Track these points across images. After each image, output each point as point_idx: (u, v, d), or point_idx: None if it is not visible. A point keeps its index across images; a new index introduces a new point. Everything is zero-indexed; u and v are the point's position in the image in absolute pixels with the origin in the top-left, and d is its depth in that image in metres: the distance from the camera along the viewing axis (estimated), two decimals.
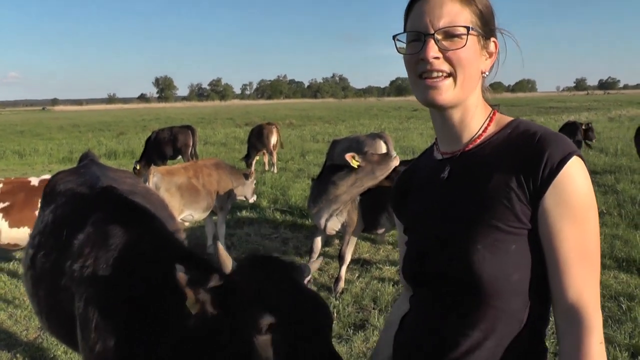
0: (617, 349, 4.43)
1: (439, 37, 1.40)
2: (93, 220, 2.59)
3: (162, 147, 13.92)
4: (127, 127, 35.69)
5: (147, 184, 6.64)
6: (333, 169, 6.02)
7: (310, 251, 6.49)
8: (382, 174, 5.73)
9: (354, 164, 5.66)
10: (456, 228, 1.44)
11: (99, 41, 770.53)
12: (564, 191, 1.32)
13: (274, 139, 14.69)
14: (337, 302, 5.62)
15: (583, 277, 1.32)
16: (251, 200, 8.26)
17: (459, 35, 1.40)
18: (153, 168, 7.21)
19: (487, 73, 1.50)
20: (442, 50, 1.40)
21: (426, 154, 1.72)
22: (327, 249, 7.39)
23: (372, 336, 4.83)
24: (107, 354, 2.26)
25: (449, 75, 1.42)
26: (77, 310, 2.40)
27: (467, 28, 1.40)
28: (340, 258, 6.21)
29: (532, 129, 1.44)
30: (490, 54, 1.49)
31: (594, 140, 13.95)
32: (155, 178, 6.86)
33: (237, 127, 34.01)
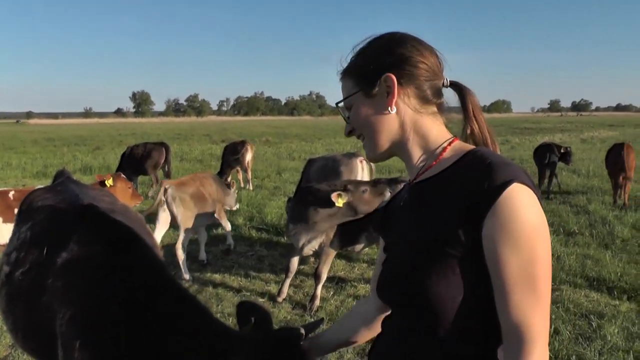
0: None
1: (346, 113, 1.62)
2: (77, 238, 2.59)
3: (136, 162, 13.96)
4: (103, 142, 35.43)
5: (161, 197, 7.21)
6: (312, 192, 5.99)
7: (286, 270, 6.50)
8: (367, 210, 5.74)
9: (340, 203, 5.63)
10: (411, 253, 1.48)
11: (75, 54, 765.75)
12: (503, 217, 1.30)
13: (248, 157, 14.73)
14: (312, 319, 5.62)
15: (524, 304, 1.31)
16: (234, 208, 9.04)
17: (349, 106, 1.60)
18: (165, 181, 7.56)
19: (390, 109, 1.53)
20: (348, 121, 1.63)
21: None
22: (302, 266, 7.40)
23: (346, 354, 4.84)
24: None
25: (360, 135, 1.62)
26: (59, 328, 2.39)
27: (344, 99, 1.61)
28: (317, 277, 6.23)
29: (484, 157, 1.43)
30: (387, 92, 1.53)
31: (570, 164, 14.01)
32: (171, 190, 7.19)
33: (214, 143, 33.96)
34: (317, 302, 6.18)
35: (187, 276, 7.15)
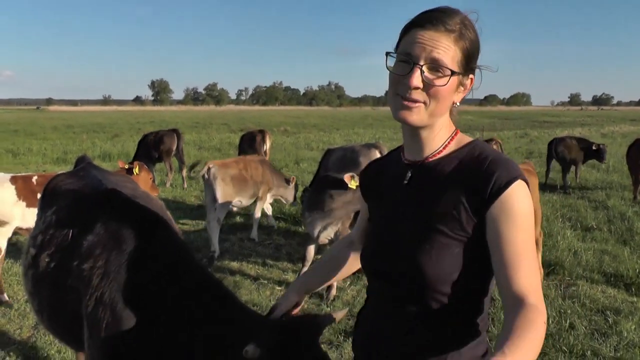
0: None
1: (425, 69, 1.55)
2: (103, 221, 2.65)
3: (149, 149, 14.06)
4: (121, 129, 35.69)
5: (204, 175, 7.88)
6: (329, 180, 6.05)
7: (303, 259, 6.55)
8: None
9: (352, 185, 5.69)
10: (411, 229, 1.65)
11: (95, 42, 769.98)
12: (509, 204, 1.53)
13: (265, 146, 14.73)
14: (329, 309, 5.68)
15: (530, 271, 1.51)
16: (290, 203, 9.57)
17: (443, 73, 1.56)
18: (210, 161, 8.17)
19: (457, 104, 1.69)
20: (425, 81, 1.56)
21: (394, 155, 1.89)
22: (319, 255, 7.44)
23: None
24: (117, 355, 2.32)
25: (423, 102, 1.59)
26: (85, 309, 2.45)
27: (452, 72, 1.56)
28: None
29: (484, 152, 1.63)
30: (465, 88, 1.67)
31: (603, 162, 13.89)
32: (214, 169, 7.87)
33: (232, 132, 34.05)
34: (334, 292, 6.22)
35: (216, 250, 7.57)
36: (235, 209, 8.92)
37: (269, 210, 9.31)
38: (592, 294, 6.12)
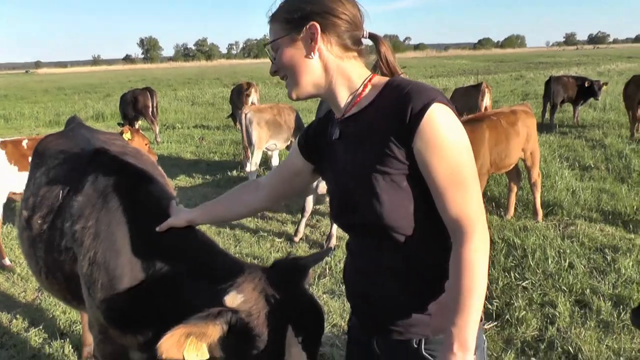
0: (601, 299, 4.56)
1: (273, 54, 1.77)
2: (91, 181, 2.62)
3: (126, 108, 14.47)
4: (113, 89, 35.25)
5: (242, 120, 8.45)
6: None
7: (302, 210, 6.57)
8: None
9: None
10: (356, 180, 1.70)
11: (81, 1, 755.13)
12: (427, 134, 1.55)
13: (253, 98, 14.66)
14: (330, 258, 5.70)
15: (459, 199, 1.57)
16: None
17: (276, 49, 1.74)
18: (246, 106, 8.90)
19: (313, 54, 1.71)
20: (274, 63, 1.77)
21: (332, 115, 1.92)
22: (318, 206, 7.46)
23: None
24: (115, 313, 2.33)
25: (285, 76, 1.78)
26: (80, 270, 2.45)
27: (271, 42, 1.76)
28: None
29: (402, 85, 1.66)
30: (311, 38, 1.69)
31: (597, 98, 13.83)
32: (249, 114, 8.41)
33: (225, 87, 33.69)
34: (334, 241, 6.25)
35: None
36: (270, 152, 9.30)
37: (275, 162, 9.43)
38: (591, 233, 6.16)
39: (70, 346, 4.19)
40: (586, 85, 13.32)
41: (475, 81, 21.82)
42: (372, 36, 1.77)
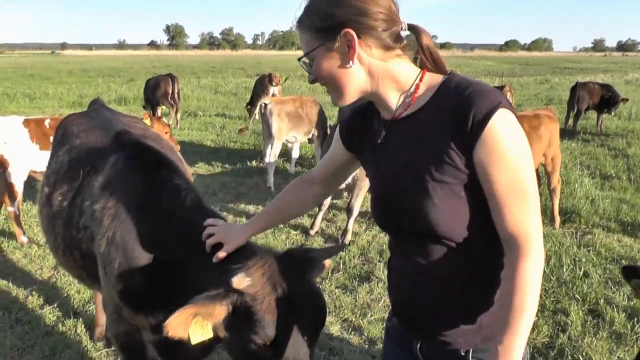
0: (615, 309, 4.52)
1: (308, 63, 1.66)
2: (113, 162, 2.66)
3: (148, 93, 14.57)
4: (137, 74, 35.53)
5: (261, 111, 8.39)
6: None
7: (319, 204, 6.57)
8: None
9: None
10: (409, 185, 1.61)
11: None
12: (491, 142, 1.47)
13: (274, 89, 14.71)
14: (344, 253, 5.71)
15: (518, 212, 1.50)
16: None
17: (312, 60, 1.64)
18: (267, 97, 8.88)
19: (352, 62, 1.58)
20: (310, 73, 1.67)
21: (375, 108, 1.79)
22: (335, 201, 7.47)
23: (376, 288, 4.93)
24: (130, 292, 2.37)
25: (325, 85, 1.67)
26: (97, 249, 2.48)
27: (305, 55, 1.65)
28: (349, 210, 6.29)
29: (462, 85, 1.56)
30: (348, 46, 1.57)
31: (612, 113, 13.74)
32: (270, 105, 8.29)
33: (248, 77, 33.74)
34: (349, 236, 6.26)
35: (271, 186, 8.26)
36: (290, 144, 9.20)
37: (295, 154, 9.40)
38: (608, 243, 6.10)
39: (83, 326, 4.26)
40: (605, 96, 13.19)
41: (500, 83, 21.65)
42: (411, 27, 1.63)
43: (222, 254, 2.04)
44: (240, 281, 1.84)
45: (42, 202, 3.09)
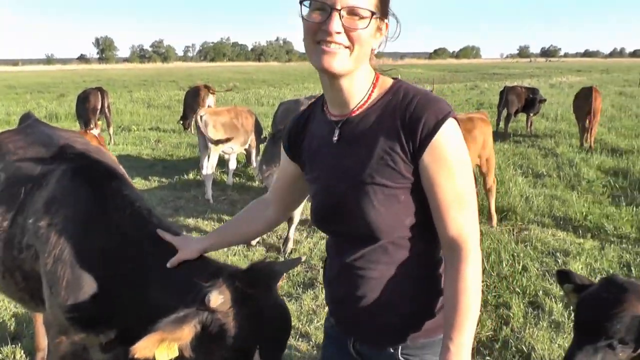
0: (553, 300, 4.69)
1: (344, 13, 1.52)
2: (58, 177, 2.55)
3: (78, 107, 14.08)
4: (67, 89, 34.40)
5: (198, 122, 8.22)
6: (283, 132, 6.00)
7: (289, 218, 6.50)
8: None
9: None
10: (351, 189, 1.64)
11: None
12: (439, 150, 1.55)
13: (209, 101, 14.53)
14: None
15: (460, 217, 1.58)
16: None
17: (362, 17, 1.54)
18: (201, 109, 8.82)
19: (376, 50, 1.66)
20: (345, 26, 1.53)
21: (317, 111, 1.83)
22: None
23: (320, 294, 4.92)
24: (79, 310, 2.27)
25: (347, 47, 1.56)
26: (43, 267, 2.37)
27: (372, 13, 1.55)
28: (289, 219, 6.27)
29: (410, 93, 1.62)
30: (381, 32, 1.64)
31: (532, 114, 14.35)
32: (205, 116, 8.23)
33: (181, 89, 33.18)
34: (291, 245, 6.24)
35: (209, 198, 8.05)
36: (227, 155, 9.07)
37: (232, 165, 9.25)
38: (543, 237, 6.33)
39: (22, 351, 4.06)
40: (529, 98, 13.85)
41: (432, 90, 22.13)
42: None
43: (175, 261, 2.07)
44: (215, 300, 1.82)
45: None
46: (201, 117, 8.28)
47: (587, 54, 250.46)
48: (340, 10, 1.51)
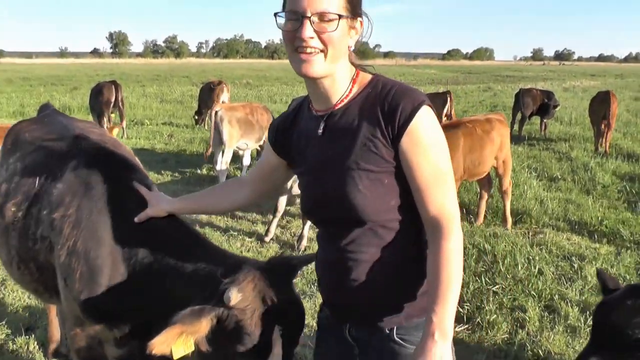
0: (569, 304, 4.66)
1: (314, 19, 1.65)
2: (72, 168, 2.53)
3: (91, 100, 14.08)
4: (80, 82, 34.54)
5: (213, 118, 8.31)
6: None
7: (274, 210, 6.52)
8: None
9: None
10: (338, 176, 1.74)
11: None
12: (416, 134, 1.66)
13: (223, 97, 14.53)
14: None
15: (439, 196, 1.68)
16: None
17: (331, 20, 1.66)
18: (217, 104, 8.81)
19: (352, 48, 1.78)
20: (317, 31, 1.65)
21: (303, 108, 1.96)
22: (289, 207, 7.42)
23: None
24: (93, 303, 2.27)
25: (321, 51, 1.68)
26: (57, 259, 2.37)
27: (339, 15, 1.66)
28: (304, 217, 6.26)
29: (387, 85, 1.75)
30: (357, 31, 1.77)
31: (546, 119, 14.27)
32: (221, 112, 8.29)
33: (193, 85, 33.34)
34: (305, 242, 6.23)
35: None
36: (241, 152, 9.12)
37: (246, 161, 9.29)
38: (558, 241, 6.29)
39: (36, 342, 4.08)
40: (544, 102, 13.75)
41: (445, 90, 22.06)
42: None
43: (143, 216, 2.24)
44: (235, 298, 1.82)
45: None
46: (216, 112, 8.30)
47: (601, 58, 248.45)
48: (310, 17, 1.64)
